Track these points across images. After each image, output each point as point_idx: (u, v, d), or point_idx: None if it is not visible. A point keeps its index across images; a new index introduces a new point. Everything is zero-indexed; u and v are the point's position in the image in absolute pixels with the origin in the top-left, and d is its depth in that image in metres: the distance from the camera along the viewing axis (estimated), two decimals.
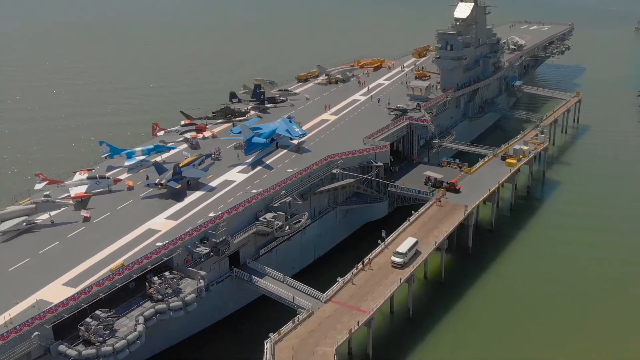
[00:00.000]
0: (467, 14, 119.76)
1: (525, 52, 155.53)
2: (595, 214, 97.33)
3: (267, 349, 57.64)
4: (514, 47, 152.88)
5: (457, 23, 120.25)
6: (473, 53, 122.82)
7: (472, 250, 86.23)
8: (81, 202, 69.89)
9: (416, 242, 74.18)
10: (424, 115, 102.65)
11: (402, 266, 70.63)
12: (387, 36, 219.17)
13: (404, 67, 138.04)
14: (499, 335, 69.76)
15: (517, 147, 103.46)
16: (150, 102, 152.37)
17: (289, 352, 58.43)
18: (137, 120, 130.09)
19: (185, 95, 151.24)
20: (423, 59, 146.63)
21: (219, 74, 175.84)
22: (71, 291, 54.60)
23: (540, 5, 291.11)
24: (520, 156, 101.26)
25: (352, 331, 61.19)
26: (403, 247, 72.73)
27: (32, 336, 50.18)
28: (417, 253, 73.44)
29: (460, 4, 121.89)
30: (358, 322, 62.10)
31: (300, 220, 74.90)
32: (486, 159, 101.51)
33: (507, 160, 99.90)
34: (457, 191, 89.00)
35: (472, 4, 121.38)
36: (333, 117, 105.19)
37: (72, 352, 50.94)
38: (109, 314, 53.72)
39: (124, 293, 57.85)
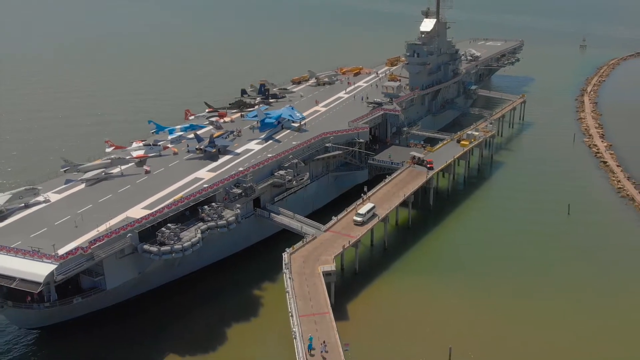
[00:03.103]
0: (431, 28, 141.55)
1: (480, 62, 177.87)
2: (530, 187, 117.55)
3: (285, 258, 77.93)
4: (471, 58, 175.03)
5: (423, 35, 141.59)
6: (435, 60, 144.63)
7: (432, 207, 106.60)
8: (140, 162, 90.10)
9: (373, 207, 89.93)
10: (395, 107, 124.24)
11: (362, 224, 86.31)
12: (365, 49, 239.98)
13: (378, 74, 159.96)
14: (452, 264, 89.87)
15: (469, 132, 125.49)
16: (179, 96, 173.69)
17: (300, 259, 78.72)
18: (171, 109, 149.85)
19: (206, 91, 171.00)
20: (394, 67, 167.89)
21: (229, 77, 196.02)
22: (148, 211, 74.76)
23: (497, 25, 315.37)
24: (472, 140, 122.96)
25: (345, 247, 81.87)
26: (363, 210, 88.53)
27: (127, 237, 70.13)
28: (374, 215, 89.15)
29: (425, 19, 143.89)
30: (349, 242, 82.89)
31: (303, 178, 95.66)
32: (445, 141, 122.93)
33: (461, 142, 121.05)
34: (431, 168, 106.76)
35: (435, 20, 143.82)
36: (323, 109, 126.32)
37: (153, 249, 70.75)
38: (177, 226, 73.98)
39: (182, 219, 77.99)
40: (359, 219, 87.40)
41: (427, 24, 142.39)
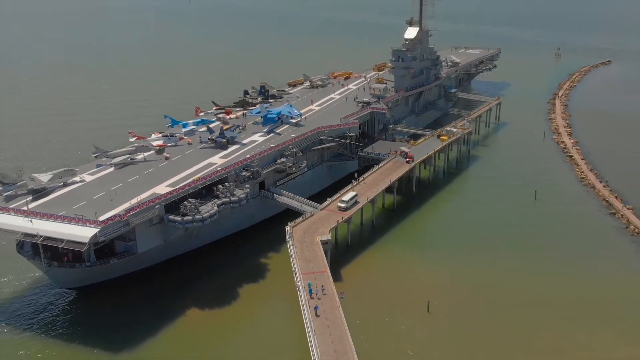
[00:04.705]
0: (414, 35, 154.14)
1: (460, 68, 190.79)
2: (502, 177, 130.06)
3: (287, 230, 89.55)
4: (451, 64, 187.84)
5: (407, 42, 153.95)
6: (418, 65, 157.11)
7: (415, 193, 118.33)
8: (160, 150, 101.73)
9: (355, 195, 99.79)
10: (382, 106, 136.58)
11: (345, 210, 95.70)
12: (354, 56, 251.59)
13: (367, 77, 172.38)
14: (431, 239, 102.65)
15: (448, 129, 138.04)
16: (189, 96, 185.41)
17: (301, 232, 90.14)
18: (183, 107, 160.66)
19: (212, 92, 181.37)
20: (381, 72, 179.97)
21: (232, 80, 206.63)
22: (172, 188, 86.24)
23: (478, 35, 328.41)
24: (451, 135, 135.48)
25: (339, 222, 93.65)
26: (346, 197, 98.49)
27: (155, 208, 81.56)
28: (356, 202, 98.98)
29: (409, 28, 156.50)
30: (342, 218, 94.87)
31: (301, 165, 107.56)
32: (426, 137, 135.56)
33: (441, 137, 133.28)
34: (409, 162, 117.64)
35: (418, 28, 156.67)
36: (317, 108, 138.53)
37: (177, 218, 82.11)
38: (196, 201, 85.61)
39: (200, 196, 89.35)
40: (342, 205, 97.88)
41: (411, 32, 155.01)
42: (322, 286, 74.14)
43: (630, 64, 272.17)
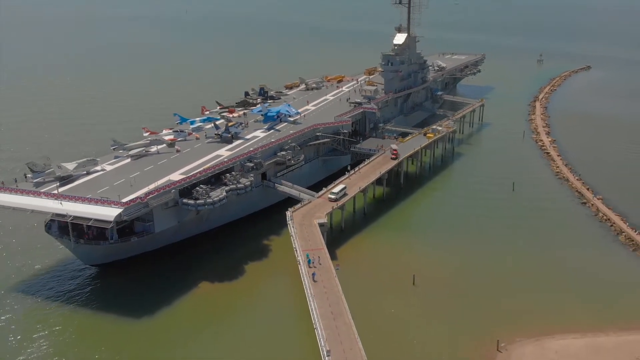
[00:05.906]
0: (402, 41, 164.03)
1: (446, 72, 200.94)
2: (483, 171, 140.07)
3: (288, 214, 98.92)
4: (438, 68, 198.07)
5: (395, 47, 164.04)
6: (406, 68, 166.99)
7: (403, 185, 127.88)
8: (171, 143, 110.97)
9: (345, 187, 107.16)
10: (373, 106, 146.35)
11: (335, 201, 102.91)
12: (346, 61, 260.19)
13: (358, 81, 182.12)
14: (417, 224, 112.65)
15: (434, 127, 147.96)
16: (194, 97, 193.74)
17: (300, 216, 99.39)
18: (190, 106, 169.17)
19: (216, 93, 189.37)
20: (372, 76, 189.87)
21: (232, 83, 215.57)
22: (185, 176, 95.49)
23: (465, 41, 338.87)
24: (436, 133, 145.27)
25: (334, 208, 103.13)
26: (336, 189, 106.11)
27: (171, 192, 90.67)
28: (345, 194, 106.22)
29: (397, 34, 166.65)
30: (337, 204, 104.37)
31: (299, 158, 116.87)
32: (414, 135, 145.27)
33: (427, 135, 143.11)
34: (394, 158, 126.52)
35: (406, 34, 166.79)
36: (313, 107, 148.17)
37: (190, 202, 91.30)
38: (207, 187, 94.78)
39: (210, 184, 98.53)
40: (332, 196, 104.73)
41: (400, 38, 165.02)
42: (319, 257, 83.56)
43: (608, 70, 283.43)
